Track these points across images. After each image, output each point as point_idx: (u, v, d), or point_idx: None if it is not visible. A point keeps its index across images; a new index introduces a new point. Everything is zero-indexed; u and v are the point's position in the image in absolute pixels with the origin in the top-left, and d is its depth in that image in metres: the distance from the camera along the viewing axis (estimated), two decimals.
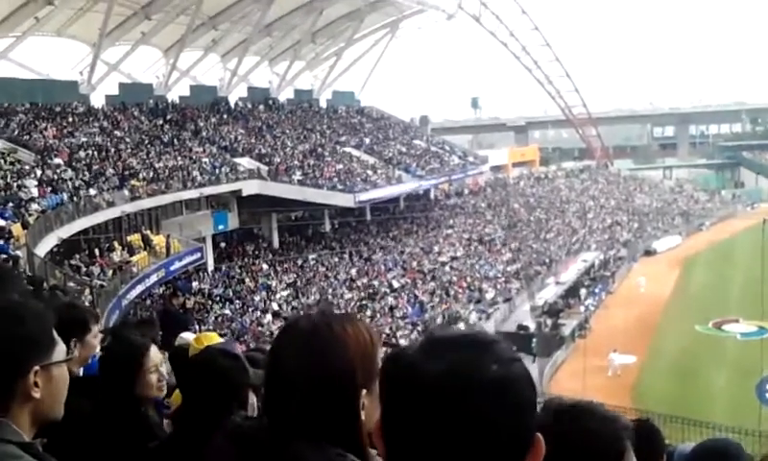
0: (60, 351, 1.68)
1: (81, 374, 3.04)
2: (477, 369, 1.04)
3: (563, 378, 30.29)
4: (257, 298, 33.25)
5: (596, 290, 43.83)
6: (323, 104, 57.02)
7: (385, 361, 1.14)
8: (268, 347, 1.92)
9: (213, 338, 4.56)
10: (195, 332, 7.84)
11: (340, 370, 1.42)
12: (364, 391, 1.44)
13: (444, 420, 1.01)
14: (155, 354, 2.81)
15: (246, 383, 2.44)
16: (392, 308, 36.22)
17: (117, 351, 2.84)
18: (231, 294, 32.76)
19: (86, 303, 17.39)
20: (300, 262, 38.34)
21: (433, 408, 1.01)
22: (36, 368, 1.59)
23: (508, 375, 1.05)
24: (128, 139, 35.43)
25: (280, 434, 1.42)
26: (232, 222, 37.24)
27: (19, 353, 1.57)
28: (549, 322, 35.84)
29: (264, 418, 1.50)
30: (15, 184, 25.26)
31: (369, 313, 34.97)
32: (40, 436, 1.66)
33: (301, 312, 32.43)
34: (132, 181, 30.69)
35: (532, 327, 35.39)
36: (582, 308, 40.04)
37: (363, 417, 1.44)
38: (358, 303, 35.72)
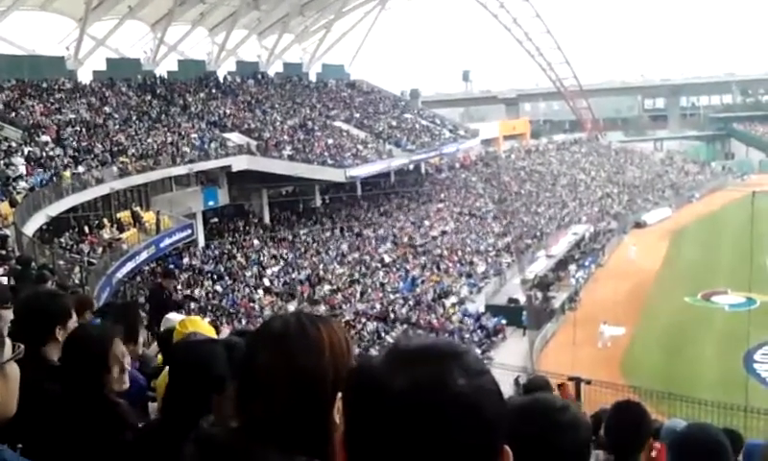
0: (8, 346, 1.66)
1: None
2: (443, 383, 1.01)
3: (553, 351, 30.51)
4: (248, 274, 33.23)
5: (586, 263, 44.03)
6: (312, 77, 56.63)
7: (348, 375, 1.12)
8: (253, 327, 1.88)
9: (197, 323, 4.54)
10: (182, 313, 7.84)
11: (313, 373, 1.40)
12: (340, 394, 1.41)
13: (409, 436, 0.98)
14: (116, 347, 2.74)
15: (227, 374, 2.41)
16: (383, 284, 36.30)
17: (80, 344, 2.79)
18: (222, 270, 32.73)
19: (76, 281, 17.36)
20: (290, 238, 38.31)
21: (397, 424, 0.99)
22: None
23: (476, 389, 1.02)
24: (116, 115, 35.14)
25: (250, 441, 1.40)
26: (222, 198, 37.10)
27: None
28: (540, 295, 36.05)
29: (233, 423, 1.48)
30: (2, 162, 25.06)
31: (360, 288, 35.05)
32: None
33: (292, 288, 32.52)
34: (121, 158, 30.51)
35: (522, 300, 35.59)
36: (572, 281, 40.23)
37: (338, 420, 1.44)
38: (349, 279, 35.76)
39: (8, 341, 1.67)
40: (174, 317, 6.05)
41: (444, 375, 1.01)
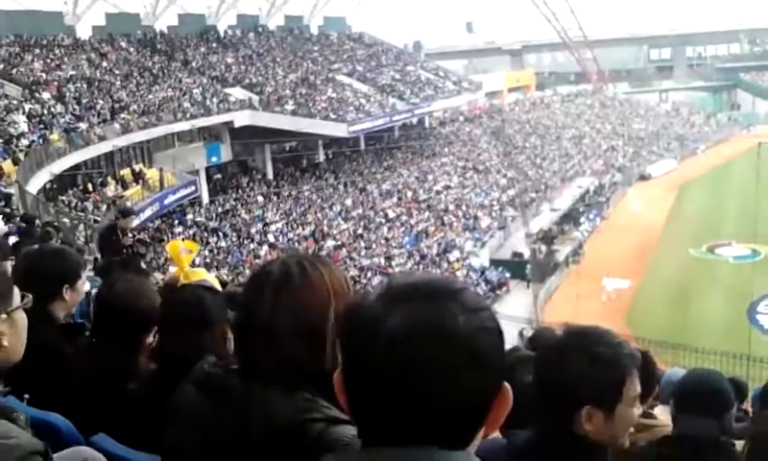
0: (17, 295, 1.71)
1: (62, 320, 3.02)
2: (442, 320, 0.98)
3: (556, 304, 30.65)
4: (253, 230, 33.29)
5: (591, 216, 43.96)
6: (314, 30, 55.89)
7: (343, 313, 1.10)
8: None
9: (201, 274, 4.53)
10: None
11: (316, 314, 1.40)
12: None
13: (407, 374, 0.97)
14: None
15: (223, 319, 2.40)
16: (387, 239, 36.33)
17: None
18: (228, 227, 32.78)
19: (81, 240, 17.40)
20: (294, 193, 38.25)
21: (395, 362, 0.97)
22: (4, 315, 1.62)
23: (474, 326, 1.00)
24: (116, 71, 34.85)
25: (250, 380, 1.40)
26: (225, 154, 36.96)
27: None
28: (544, 248, 36.05)
29: (232, 364, 1.48)
30: (4, 119, 24.93)
31: (364, 243, 35.13)
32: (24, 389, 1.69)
33: (297, 243, 32.62)
34: (123, 114, 30.33)
35: (526, 253, 35.63)
36: (576, 234, 40.23)
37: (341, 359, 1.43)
38: (353, 234, 35.81)
39: (16, 289, 1.71)
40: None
41: (442, 312, 0.99)
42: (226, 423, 1.39)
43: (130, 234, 7.92)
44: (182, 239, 22.47)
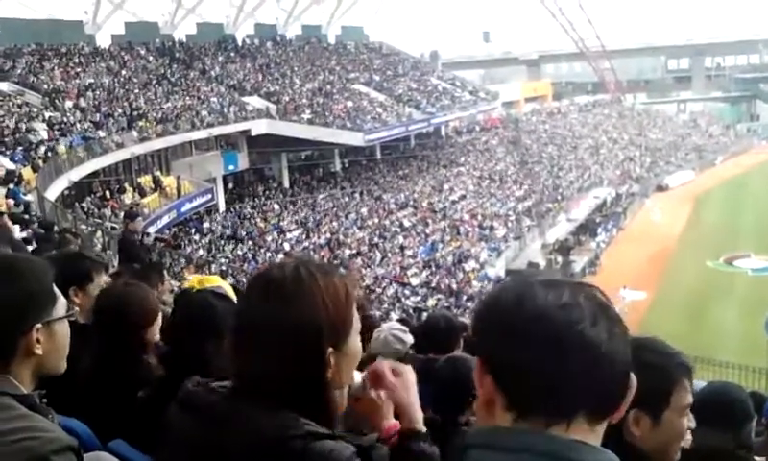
0: (62, 305, 1.67)
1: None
2: (597, 299, 1.07)
3: None
4: (269, 238, 33.38)
5: (608, 226, 43.69)
6: (331, 40, 56.13)
7: (487, 300, 1.11)
8: None
9: (215, 281, 4.55)
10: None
11: (305, 323, 1.35)
12: (330, 349, 1.38)
13: (579, 355, 1.01)
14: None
15: (225, 325, 2.39)
16: (402, 247, 36.30)
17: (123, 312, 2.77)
18: (244, 235, 32.90)
19: (98, 246, 17.53)
20: (310, 202, 38.34)
21: (569, 346, 1.01)
22: (38, 326, 1.59)
23: (618, 313, 1.08)
24: (135, 80, 35.18)
25: (233, 400, 1.37)
26: (242, 162, 37.13)
27: (20, 311, 1.57)
28: (560, 259, 35.88)
29: (217, 381, 1.45)
30: (24, 127, 25.21)
31: (379, 252, 35.11)
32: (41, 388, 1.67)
33: (312, 252, 32.66)
34: (141, 122, 30.59)
35: (542, 264, 35.45)
36: (593, 245, 39.98)
37: (330, 375, 1.38)
38: (369, 243, 35.81)
39: (62, 300, 1.69)
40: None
41: (601, 301, 1.07)
42: (209, 442, 1.36)
43: (151, 236, 8.10)
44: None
